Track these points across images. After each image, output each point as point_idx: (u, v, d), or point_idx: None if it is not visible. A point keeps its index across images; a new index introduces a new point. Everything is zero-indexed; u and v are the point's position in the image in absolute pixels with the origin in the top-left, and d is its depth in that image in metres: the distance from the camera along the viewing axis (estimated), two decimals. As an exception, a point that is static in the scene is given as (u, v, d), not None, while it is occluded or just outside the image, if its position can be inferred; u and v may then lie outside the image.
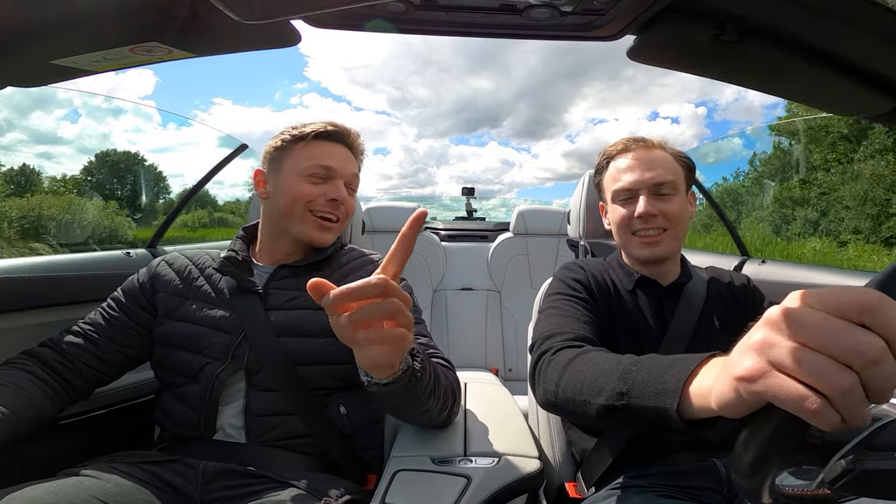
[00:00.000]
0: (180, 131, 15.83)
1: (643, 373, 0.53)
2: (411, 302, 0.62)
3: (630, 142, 0.93)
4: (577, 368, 0.65)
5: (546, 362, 0.73)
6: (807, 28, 0.62)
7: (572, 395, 0.63)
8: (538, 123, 63.88)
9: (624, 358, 0.59)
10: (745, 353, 0.37)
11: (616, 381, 0.56)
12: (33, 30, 0.65)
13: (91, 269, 1.22)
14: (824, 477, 0.48)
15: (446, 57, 73.37)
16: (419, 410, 0.72)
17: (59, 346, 0.87)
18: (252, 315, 0.86)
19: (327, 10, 0.71)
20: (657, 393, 0.49)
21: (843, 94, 0.75)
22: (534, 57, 66.27)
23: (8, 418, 0.73)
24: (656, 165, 0.89)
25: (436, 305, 2.35)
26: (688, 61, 0.79)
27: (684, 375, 0.47)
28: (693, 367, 0.47)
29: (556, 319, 0.83)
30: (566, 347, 0.73)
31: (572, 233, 1.77)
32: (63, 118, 15.66)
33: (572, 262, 0.97)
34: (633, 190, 0.89)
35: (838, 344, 0.31)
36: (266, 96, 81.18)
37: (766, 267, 1.47)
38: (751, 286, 0.96)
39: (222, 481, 0.77)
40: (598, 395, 0.58)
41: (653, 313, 0.88)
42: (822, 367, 0.31)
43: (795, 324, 0.33)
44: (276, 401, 0.82)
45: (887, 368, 0.30)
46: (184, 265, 0.95)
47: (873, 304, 0.31)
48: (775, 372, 0.33)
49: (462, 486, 0.69)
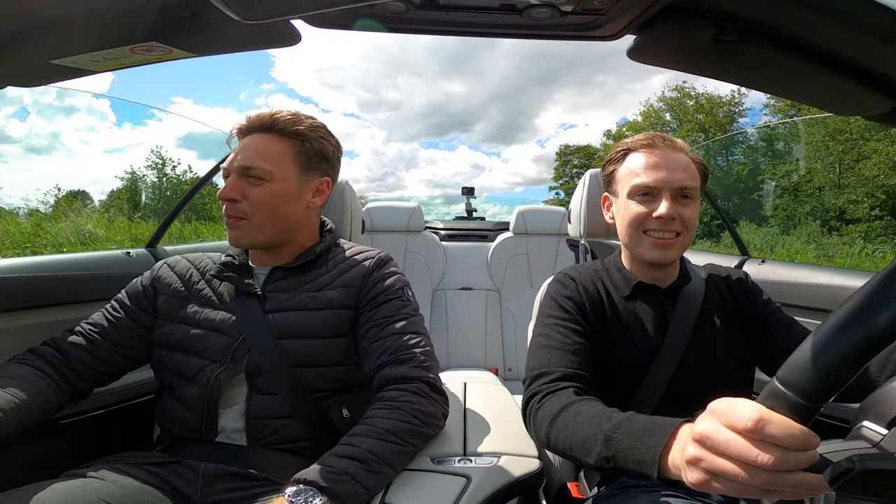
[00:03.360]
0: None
1: (624, 441, 0.59)
2: None
3: (657, 138, 0.89)
4: (562, 426, 0.69)
5: (534, 410, 0.77)
6: (807, 28, 0.62)
7: (564, 450, 0.69)
8: (509, 128, 62.47)
9: (604, 418, 0.64)
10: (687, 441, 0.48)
11: (601, 447, 0.62)
12: (33, 30, 0.65)
13: (91, 269, 1.22)
14: (825, 477, 0.48)
15: (419, 60, 71.38)
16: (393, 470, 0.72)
17: (60, 345, 0.87)
18: (251, 317, 0.85)
19: (327, 10, 0.71)
20: (638, 461, 0.56)
21: (843, 94, 0.75)
22: (507, 62, 63.59)
23: (20, 408, 0.73)
24: (682, 168, 0.86)
25: (436, 305, 2.35)
26: (688, 61, 0.79)
27: (660, 447, 0.54)
28: (668, 437, 0.54)
29: (543, 354, 0.83)
30: (551, 393, 0.76)
31: (573, 232, 1.77)
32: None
33: (564, 273, 0.95)
34: (656, 189, 0.85)
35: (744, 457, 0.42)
36: (230, 97, 74.77)
37: (766, 267, 1.47)
38: (748, 282, 0.95)
39: (223, 483, 0.77)
40: (587, 455, 0.64)
41: (651, 317, 0.88)
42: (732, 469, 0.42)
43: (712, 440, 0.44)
44: (276, 404, 0.82)
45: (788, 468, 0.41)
46: (185, 268, 0.95)
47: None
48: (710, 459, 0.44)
49: (462, 485, 0.69)
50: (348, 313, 0.88)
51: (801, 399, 0.44)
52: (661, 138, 0.89)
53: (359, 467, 0.67)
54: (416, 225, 2.47)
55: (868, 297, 0.42)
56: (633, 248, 0.89)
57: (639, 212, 0.86)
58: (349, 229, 1.43)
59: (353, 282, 0.90)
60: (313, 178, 0.92)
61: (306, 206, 0.92)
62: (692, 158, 0.89)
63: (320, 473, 0.65)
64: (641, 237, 0.87)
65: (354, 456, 0.69)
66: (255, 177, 0.85)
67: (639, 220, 0.86)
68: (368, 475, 0.68)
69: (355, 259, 0.94)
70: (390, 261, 0.96)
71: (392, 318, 0.87)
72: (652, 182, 0.85)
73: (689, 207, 0.86)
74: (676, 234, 0.85)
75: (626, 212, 0.88)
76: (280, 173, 0.87)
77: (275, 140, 0.88)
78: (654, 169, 0.85)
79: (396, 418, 0.75)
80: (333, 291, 0.88)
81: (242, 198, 0.85)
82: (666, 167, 0.85)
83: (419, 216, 2.48)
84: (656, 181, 0.85)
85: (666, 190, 0.84)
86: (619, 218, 0.91)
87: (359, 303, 0.89)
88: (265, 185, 0.86)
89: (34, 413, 0.76)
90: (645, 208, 0.85)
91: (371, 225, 2.42)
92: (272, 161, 0.86)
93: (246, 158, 0.86)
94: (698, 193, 0.88)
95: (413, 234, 2.46)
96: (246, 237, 0.87)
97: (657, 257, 0.86)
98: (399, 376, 0.80)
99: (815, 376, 0.43)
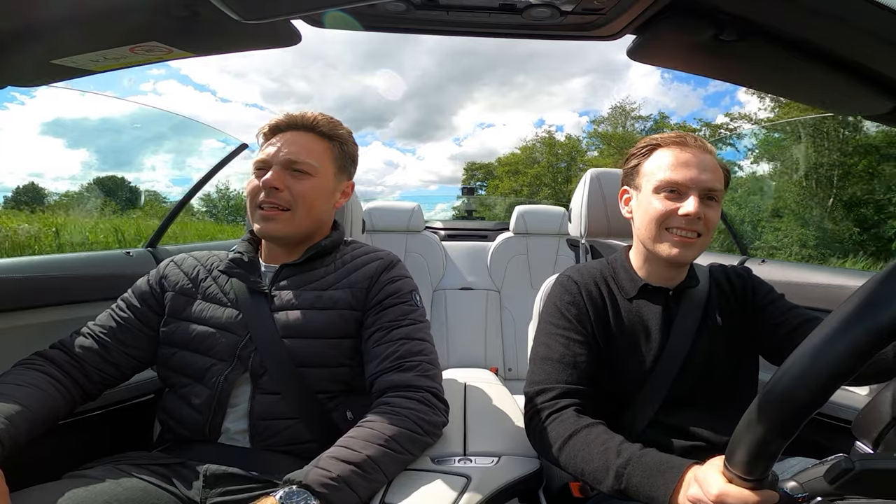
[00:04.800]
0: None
1: (635, 477, 0.66)
2: None
3: (689, 137, 0.88)
4: (572, 453, 0.74)
5: (539, 430, 0.79)
6: (806, 28, 0.62)
7: (575, 474, 0.75)
8: (425, 125, 60.05)
9: (613, 451, 0.70)
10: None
11: (612, 480, 0.68)
12: (33, 30, 0.65)
13: (91, 268, 1.22)
14: (825, 476, 0.48)
15: (335, 51, 68.69)
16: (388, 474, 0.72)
17: (69, 347, 0.87)
18: (258, 315, 0.85)
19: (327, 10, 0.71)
20: (649, 497, 0.64)
21: (843, 94, 0.75)
22: (428, 58, 61.19)
23: (27, 415, 0.73)
24: (711, 169, 0.85)
25: (436, 305, 2.35)
26: (688, 60, 0.79)
27: (670, 488, 0.62)
28: (678, 479, 0.62)
29: (545, 367, 0.84)
30: (554, 413, 0.79)
31: (573, 232, 1.77)
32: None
33: (567, 276, 0.94)
34: (685, 187, 0.84)
35: None
36: (112, 81, 51.71)
37: (766, 267, 1.47)
38: (749, 277, 0.95)
39: (225, 485, 0.77)
40: (599, 484, 0.70)
41: (655, 319, 0.87)
42: None
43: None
44: (281, 404, 0.82)
45: None
46: (192, 266, 0.94)
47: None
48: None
49: (461, 485, 0.69)
50: (354, 314, 0.87)
51: (744, 476, 0.51)
52: (693, 138, 0.88)
53: (357, 475, 0.66)
54: (416, 225, 2.47)
55: (780, 382, 0.46)
56: (652, 244, 0.87)
57: (665, 208, 0.84)
58: (349, 229, 1.43)
59: (359, 283, 0.89)
60: (343, 180, 0.97)
61: (333, 205, 0.97)
62: (718, 162, 0.88)
63: (316, 477, 0.64)
64: (663, 233, 0.85)
65: (354, 461, 0.67)
66: (301, 171, 0.89)
67: (663, 217, 0.84)
68: (364, 483, 0.67)
69: (363, 260, 0.94)
70: (399, 263, 0.96)
71: (398, 322, 0.86)
72: (682, 179, 0.84)
73: (714, 209, 0.85)
74: (698, 235, 0.84)
75: (649, 206, 0.86)
76: (322, 170, 0.91)
77: (317, 140, 0.93)
78: (685, 167, 0.84)
79: (400, 426, 0.74)
80: (339, 291, 0.88)
81: (286, 188, 0.87)
82: (697, 166, 0.84)
83: (419, 216, 2.48)
84: (688, 179, 0.83)
85: (695, 189, 0.83)
86: (641, 212, 0.88)
87: (366, 305, 0.88)
88: (309, 179, 0.89)
89: (43, 420, 0.76)
90: (671, 205, 0.84)
91: (371, 225, 2.42)
92: (316, 158, 0.91)
93: (293, 153, 0.89)
94: (722, 197, 0.87)
95: (413, 233, 2.47)
96: (282, 229, 0.89)
97: (676, 255, 0.84)
98: (403, 384, 0.80)
99: (747, 458, 0.50)
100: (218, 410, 0.82)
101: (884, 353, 0.71)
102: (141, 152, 16.36)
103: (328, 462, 0.67)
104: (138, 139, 16.11)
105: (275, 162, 0.88)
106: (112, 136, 18.20)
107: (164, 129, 14.47)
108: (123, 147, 17.15)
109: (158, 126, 15.57)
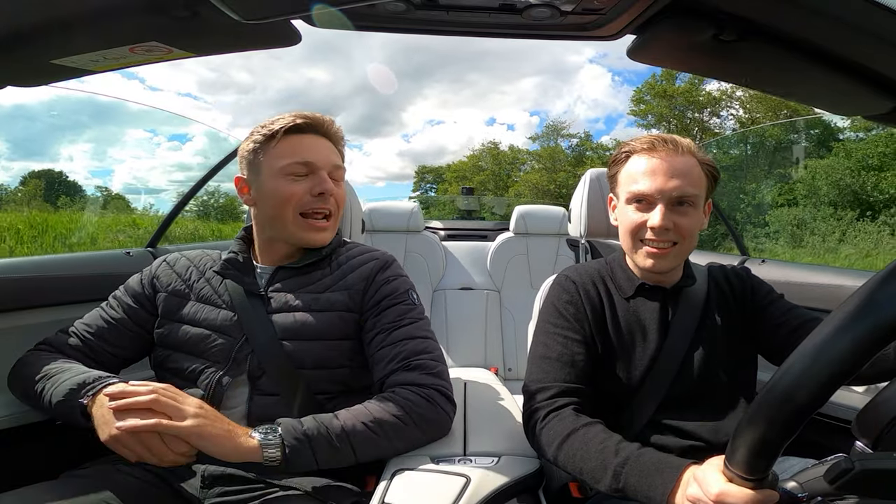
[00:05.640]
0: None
1: (633, 477, 0.66)
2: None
3: (658, 141, 0.84)
4: (570, 452, 0.74)
5: (537, 429, 0.79)
6: (807, 28, 0.62)
7: (573, 473, 0.75)
8: (374, 120, 58.68)
9: (610, 450, 0.70)
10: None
11: (610, 479, 0.68)
12: (33, 30, 0.65)
13: (91, 268, 1.22)
14: (825, 476, 0.48)
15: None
16: (368, 455, 0.75)
17: (53, 345, 0.87)
18: (255, 318, 0.85)
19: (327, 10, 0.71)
20: (647, 497, 0.64)
21: (843, 94, 0.75)
22: (380, 52, 62.75)
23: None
24: (681, 175, 0.81)
25: (436, 305, 2.35)
26: (687, 60, 0.79)
27: (668, 487, 0.62)
28: (675, 479, 0.62)
29: (543, 365, 0.84)
30: (553, 412, 0.79)
31: (573, 231, 1.77)
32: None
33: (565, 275, 0.93)
34: (651, 197, 0.82)
35: None
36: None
37: (766, 267, 1.47)
38: (749, 277, 0.94)
39: (223, 485, 0.77)
40: (597, 483, 0.70)
41: (653, 318, 0.87)
42: None
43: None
44: (279, 405, 0.82)
45: None
46: (185, 266, 0.94)
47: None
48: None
49: (461, 485, 0.69)
50: (353, 316, 0.87)
51: (744, 475, 0.51)
52: (663, 140, 0.84)
53: (323, 437, 0.71)
54: (416, 225, 2.47)
55: (779, 384, 0.46)
56: (631, 254, 0.88)
57: (634, 220, 0.84)
58: (349, 229, 1.43)
59: (356, 285, 0.89)
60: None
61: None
62: (700, 160, 0.84)
63: (291, 425, 0.71)
64: (637, 244, 0.85)
65: (328, 424, 0.72)
66: (338, 178, 0.93)
67: (636, 229, 0.84)
68: (328, 451, 0.71)
69: (359, 261, 0.93)
70: (394, 263, 0.95)
71: (398, 323, 0.86)
72: (647, 190, 0.82)
73: (687, 216, 0.82)
74: (673, 244, 0.83)
75: (623, 218, 0.87)
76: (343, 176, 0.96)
77: (330, 144, 0.94)
78: (651, 175, 0.82)
79: (390, 411, 0.76)
80: (336, 294, 0.88)
81: (332, 195, 0.91)
82: (663, 173, 0.81)
83: (419, 216, 2.48)
84: (652, 190, 0.81)
85: (661, 199, 0.81)
86: (620, 223, 0.89)
87: (363, 306, 0.88)
88: (340, 185, 0.93)
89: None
90: (641, 216, 0.83)
91: (371, 225, 2.42)
92: (342, 164, 0.95)
93: (332, 159, 0.92)
94: (701, 199, 0.84)
95: (413, 234, 2.46)
96: (329, 236, 0.93)
97: (651, 266, 0.84)
98: (410, 381, 0.80)
99: (747, 457, 0.50)
100: None
101: (884, 352, 0.71)
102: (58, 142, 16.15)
103: (309, 419, 0.73)
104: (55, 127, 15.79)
105: (321, 166, 0.89)
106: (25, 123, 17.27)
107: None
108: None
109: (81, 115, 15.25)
